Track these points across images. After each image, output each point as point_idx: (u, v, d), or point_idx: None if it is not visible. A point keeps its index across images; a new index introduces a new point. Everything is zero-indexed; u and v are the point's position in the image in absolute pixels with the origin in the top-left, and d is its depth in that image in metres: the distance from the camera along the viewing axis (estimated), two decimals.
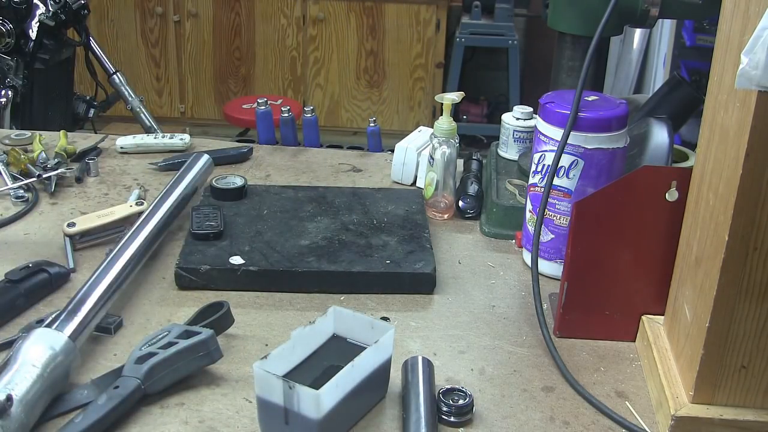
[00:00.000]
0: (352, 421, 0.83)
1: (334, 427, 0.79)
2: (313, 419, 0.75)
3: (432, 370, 0.88)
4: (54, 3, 1.49)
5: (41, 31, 1.45)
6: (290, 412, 0.76)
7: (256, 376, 0.78)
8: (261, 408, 0.80)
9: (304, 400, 0.75)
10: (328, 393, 0.75)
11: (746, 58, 0.65)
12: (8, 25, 1.45)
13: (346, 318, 0.89)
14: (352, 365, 0.78)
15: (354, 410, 0.82)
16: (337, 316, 0.89)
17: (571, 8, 1.24)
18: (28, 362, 0.80)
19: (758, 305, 0.77)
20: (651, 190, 0.92)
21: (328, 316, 0.88)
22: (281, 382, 0.76)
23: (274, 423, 0.79)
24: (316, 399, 0.74)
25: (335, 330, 0.89)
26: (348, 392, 0.79)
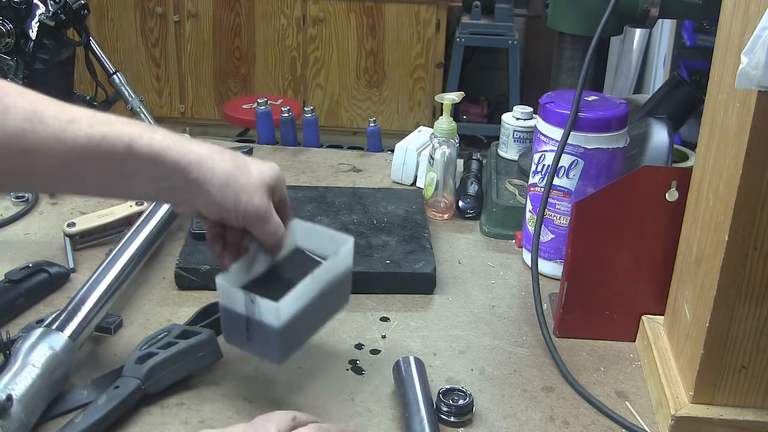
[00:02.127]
0: (314, 329, 0.86)
1: (296, 335, 0.82)
2: (274, 328, 0.77)
3: (424, 369, 0.88)
4: (54, 3, 1.49)
5: (41, 31, 1.45)
6: (252, 322, 0.79)
7: (219, 288, 0.80)
8: (224, 318, 0.82)
9: (265, 312, 0.77)
10: (287, 304, 0.77)
11: (746, 58, 0.65)
12: (8, 25, 1.45)
13: (306, 231, 0.89)
14: (311, 276, 0.80)
15: (315, 319, 0.85)
16: (298, 230, 0.89)
17: (571, 8, 1.24)
18: (28, 362, 0.80)
19: (758, 305, 0.77)
20: (651, 190, 0.92)
21: (289, 230, 0.88)
22: (243, 294, 0.78)
23: (237, 332, 0.81)
24: (276, 310, 0.77)
25: (297, 243, 0.90)
26: (308, 302, 0.81)
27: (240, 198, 0.79)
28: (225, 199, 0.78)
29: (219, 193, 0.78)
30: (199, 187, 0.78)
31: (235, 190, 0.79)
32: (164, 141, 0.76)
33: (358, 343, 0.97)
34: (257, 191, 0.80)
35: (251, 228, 0.82)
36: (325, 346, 0.96)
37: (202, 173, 0.77)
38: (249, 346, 0.82)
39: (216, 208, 0.79)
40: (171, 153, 0.76)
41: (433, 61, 4.01)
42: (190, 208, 0.81)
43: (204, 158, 0.78)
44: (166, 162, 0.76)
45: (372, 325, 1.01)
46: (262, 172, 0.82)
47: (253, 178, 0.80)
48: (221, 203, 0.79)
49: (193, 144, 0.79)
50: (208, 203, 0.79)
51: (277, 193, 0.84)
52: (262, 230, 0.82)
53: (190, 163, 0.77)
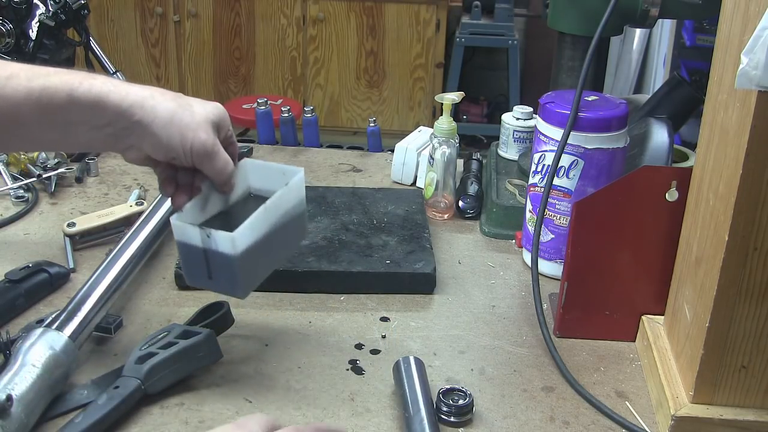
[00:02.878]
0: (273, 263, 0.88)
1: (255, 268, 0.84)
2: (232, 258, 0.78)
3: (424, 369, 0.88)
4: (54, 3, 1.49)
5: (41, 31, 1.45)
6: (210, 257, 0.80)
7: (174, 228, 0.81)
8: (183, 257, 0.83)
9: (221, 243, 0.78)
10: (242, 234, 0.79)
11: (746, 58, 0.65)
12: (8, 25, 1.45)
13: (258, 170, 0.90)
14: (265, 207, 0.82)
15: (274, 252, 0.86)
16: (250, 170, 0.90)
17: (571, 8, 1.24)
18: (28, 362, 0.80)
19: (758, 305, 0.77)
20: (651, 190, 0.92)
21: (240, 170, 0.88)
22: (198, 230, 0.80)
23: (198, 270, 0.83)
24: (232, 240, 0.78)
25: (251, 185, 0.91)
26: (264, 234, 0.82)
27: (185, 135, 0.79)
28: (170, 137, 0.78)
29: (164, 132, 0.78)
30: (144, 128, 0.78)
31: (180, 128, 0.79)
32: (104, 86, 0.77)
33: (358, 343, 0.97)
34: (202, 127, 0.80)
35: (200, 165, 0.82)
36: (325, 346, 0.96)
37: (144, 114, 0.77)
38: (210, 283, 0.84)
39: (163, 149, 0.79)
40: (112, 97, 0.76)
41: (433, 61, 4.01)
42: (138, 153, 0.81)
43: (146, 99, 0.78)
44: (107, 106, 0.76)
45: (372, 325, 1.01)
46: (206, 109, 0.82)
47: (197, 116, 0.80)
48: (167, 142, 0.79)
49: (133, 86, 0.79)
50: (155, 144, 0.79)
51: (223, 130, 0.84)
52: (211, 166, 0.82)
53: (132, 105, 0.77)
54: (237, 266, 0.79)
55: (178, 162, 0.81)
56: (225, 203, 0.88)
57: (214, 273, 0.82)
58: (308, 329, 1.00)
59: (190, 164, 0.82)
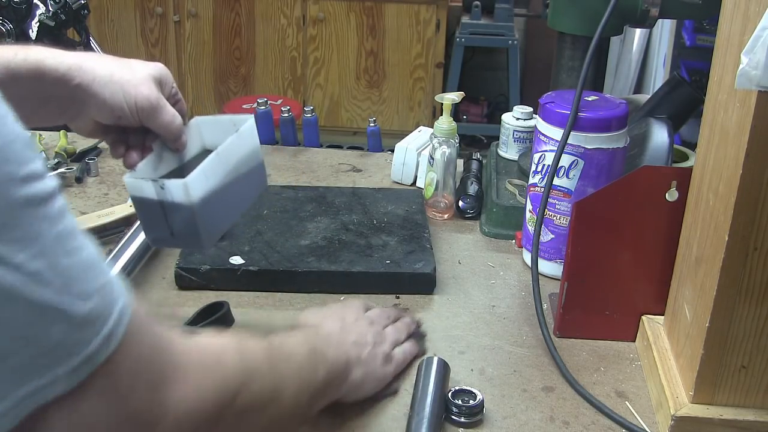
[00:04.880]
0: (234, 213, 0.87)
1: (216, 217, 0.83)
2: (188, 206, 0.78)
3: (447, 371, 0.88)
4: (54, 3, 1.49)
5: (41, 31, 1.45)
6: (167, 210, 0.79)
7: (127, 185, 0.80)
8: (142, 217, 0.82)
9: (176, 193, 0.78)
10: (195, 180, 0.78)
11: (746, 58, 0.65)
12: (8, 25, 1.45)
13: (210, 125, 0.90)
14: (216, 153, 0.81)
15: (233, 201, 0.85)
16: (202, 127, 0.90)
17: (571, 8, 1.24)
18: None
19: (758, 305, 0.77)
20: (651, 190, 0.92)
21: (193, 129, 0.88)
22: (151, 183, 0.79)
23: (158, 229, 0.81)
24: (185, 187, 0.77)
25: (205, 143, 0.90)
26: (220, 181, 0.81)
27: (128, 91, 0.79)
28: (113, 95, 0.78)
29: (105, 91, 0.78)
30: (85, 91, 0.78)
31: (121, 85, 0.78)
32: (39, 54, 0.76)
33: None
34: (144, 83, 0.80)
35: (146, 121, 0.81)
36: None
37: (83, 77, 0.77)
38: (173, 240, 0.83)
39: (108, 108, 0.79)
40: (48, 63, 0.76)
41: (433, 61, 4.00)
42: (85, 120, 0.81)
43: (82, 61, 0.78)
44: (45, 73, 0.76)
45: None
46: (147, 66, 0.82)
47: (138, 72, 0.80)
48: (111, 101, 0.78)
49: (68, 52, 0.78)
50: (99, 105, 0.79)
51: (166, 87, 0.84)
52: (157, 121, 0.81)
53: (70, 68, 0.77)
54: (195, 214, 0.78)
55: (125, 121, 0.81)
56: (180, 161, 0.88)
57: (174, 227, 0.80)
58: None
59: (137, 122, 0.81)
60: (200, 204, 0.79)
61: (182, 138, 0.85)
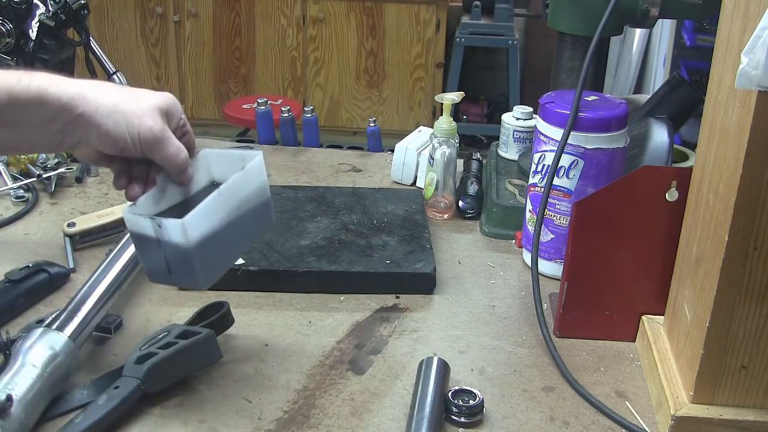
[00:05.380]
0: (236, 251, 0.85)
1: (215, 257, 0.80)
2: (185, 247, 0.75)
3: (447, 371, 0.88)
4: (54, 3, 1.49)
5: (41, 31, 1.45)
6: (166, 249, 0.76)
7: (126, 220, 0.78)
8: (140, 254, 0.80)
9: (173, 232, 0.75)
10: (194, 220, 0.75)
11: (746, 58, 0.65)
12: (8, 25, 1.45)
13: (218, 159, 0.87)
14: (218, 192, 0.78)
15: (235, 239, 0.82)
16: (211, 160, 0.87)
17: (571, 8, 1.24)
18: (28, 362, 0.80)
19: (758, 305, 0.77)
20: (651, 190, 0.92)
21: (201, 161, 0.86)
22: (149, 220, 0.76)
23: (157, 266, 0.79)
24: (183, 227, 0.74)
25: (213, 176, 0.87)
26: (221, 221, 0.79)
27: (131, 122, 0.77)
28: (116, 126, 0.76)
29: (109, 121, 0.76)
30: (88, 120, 0.76)
31: (125, 115, 0.76)
32: (42, 81, 0.75)
33: (358, 343, 0.97)
34: (148, 114, 0.78)
35: (150, 154, 0.79)
36: (325, 346, 0.96)
37: (87, 105, 0.76)
38: (171, 278, 0.81)
39: (111, 139, 0.77)
40: (51, 91, 0.75)
41: (433, 61, 4.01)
42: (88, 148, 0.79)
43: (86, 90, 0.76)
44: (48, 101, 0.75)
45: (372, 325, 1.01)
46: (153, 96, 0.80)
47: (143, 102, 0.78)
48: (114, 132, 0.76)
49: (72, 79, 0.77)
50: (101, 136, 0.77)
51: (174, 118, 0.81)
52: (162, 154, 0.79)
53: (73, 97, 0.75)
54: (192, 255, 0.76)
55: (128, 153, 0.79)
56: (185, 194, 0.85)
57: (172, 266, 0.78)
58: (308, 329, 1.00)
59: (140, 154, 0.79)
60: (198, 245, 0.76)
61: (187, 172, 0.82)
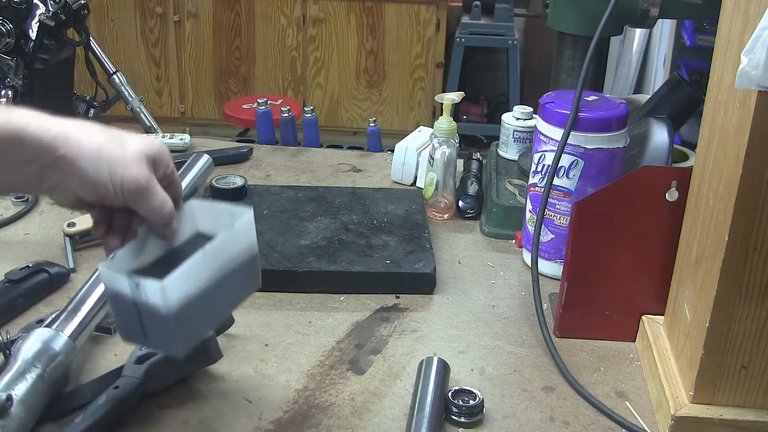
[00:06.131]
0: (218, 315, 0.78)
1: (195, 321, 0.74)
2: (163, 312, 0.69)
3: (447, 371, 0.88)
4: (54, 3, 1.49)
5: (41, 31, 1.46)
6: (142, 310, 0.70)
7: (102, 276, 0.72)
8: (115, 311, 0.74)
9: (151, 294, 0.69)
10: (174, 283, 0.69)
11: (746, 58, 0.65)
12: (8, 25, 1.45)
13: (205, 211, 0.81)
14: (203, 252, 0.72)
15: (218, 303, 0.76)
16: (197, 212, 0.81)
17: (571, 8, 1.24)
18: (28, 362, 0.80)
19: (758, 305, 0.77)
20: (651, 190, 0.92)
21: (187, 213, 0.80)
22: (126, 278, 0.70)
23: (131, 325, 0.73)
24: (162, 290, 0.68)
25: (199, 228, 0.81)
26: (204, 283, 0.72)
27: (115, 170, 0.71)
28: (98, 172, 0.71)
29: (91, 166, 0.71)
30: (69, 163, 0.71)
31: (109, 162, 0.71)
32: (23, 118, 0.70)
33: (358, 343, 0.97)
34: (134, 162, 0.73)
35: (134, 204, 0.74)
36: (325, 346, 0.96)
37: (69, 148, 0.71)
38: (146, 340, 0.74)
39: (91, 186, 0.72)
40: (31, 129, 0.70)
41: (433, 61, 4.01)
42: (66, 193, 0.74)
43: (70, 131, 0.72)
44: (28, 140, 0.70)
45: (372, 325, 1.01)
46: (140, 143, 0.75)
47: (130, 149, 0.73)
48: (95, 178, 0.71)
49: (56, 119, 0.72)
50: (82, 181, 0.72)
51: (161, 167, 0.76)
52: (145, 205, 0.74)
53: (55, 137, 0.70)
54: (170, 320, 0.69)
55: (109, 201, 0.73)
56: (167, 247, 0.79)
57: (147, 328, 0.72)
58: (308, 329, 1.00)
59: (123, 203, 0.73)
60: (178, 310, 0.70)
61: (171, 225, 0.77)
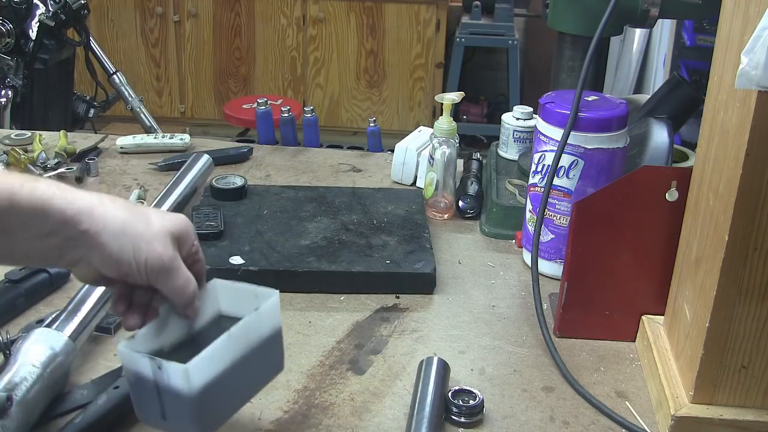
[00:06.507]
0: (240, 400, 0.77)
1: (218, 405, 0.72)
2: (186, 395, 0.68)
3: (447, 371, 0.88)
4: (54, 3, 1.50)
5: (41, 31, 1.46)
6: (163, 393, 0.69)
7: (121, 356, 0.71)
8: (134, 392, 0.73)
9: (174, 377, 0.68)
10: (199, 366, 0.68)
11: (746, 58, 0.65)
12: (8, 25, 1.45)
13: (229, 291, 0.80)
14: (228, 335, 0.71)
15: (241, 386, 0.75)
16: (220, 291, 0.80)
17: (571, 8, 1.24)
18: (28, 362, 0.80)
19: (758, 305, 0.77)
20: (651, 190, 0.92)
21: (209, 292, 0.79)
22: (148, 360, 0.69)
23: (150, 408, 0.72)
24: (185, 373, 0.67)
25: (221, 308, 0.80)
26: (227, 366, 0.71)
27: (139, 247, 0.70)
28: (122, 249, 0.69)
29: (114, 243, 0.69)
30: (92, 238, 0.69)
31: (133, 239, 0.70)
32: (48, 189, 0.68)
33: (358, 343, 0.97)
34: (159, 239, 0.71)
35: (156, 283, 0.72)
36: (325, 346, 0.96)
37: (93, 223, 0.69)
38: (165, 423, 0.72)
39: (114, 263, 0.70)
40: (56, 202, 0.68)
41: (433, 61, 4.01)
42: (88, 268, 0.72)
43: (94, 206, 0.70)
44: (52, 213, 0.68)
45: (372, 325, 1.01)
46: (165, 219, 0.73)
47: (154, 226, 0.72)
48: (118, 255, 0.69)
49: (80, 192, 0.71)
50: (104, 257, 0.70)
51: (186, 245, 0.75)
52: (169, 284, 0.72)
53: (79, 211, 0.69)
54: (193, 404, 0.68)
55: (132, 279, 0.71)
56: (189, 329, 0.77)
57: (168, 411, 0.70)
58: (308, 329, 1.00)
59: (145, 282, 0.71)
60: (200, 393, 0.68)
61: (194, 305, 0.75)
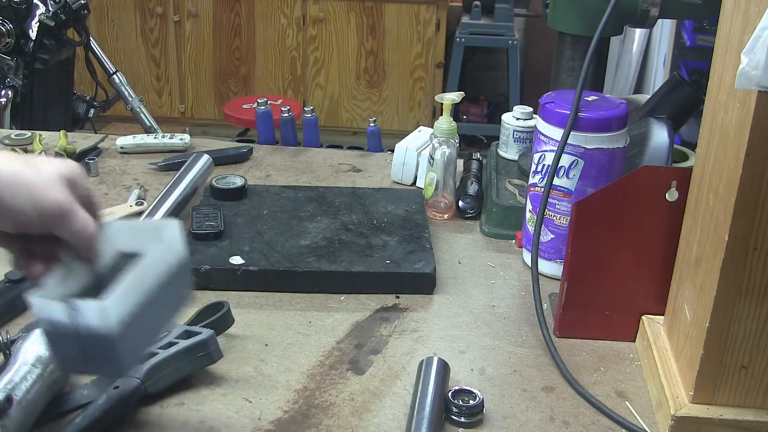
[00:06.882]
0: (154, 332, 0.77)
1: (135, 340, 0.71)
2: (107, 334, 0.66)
3: (447, 371, 0.88)
4: (54, 3, 1.50)
5: (41, 31, 1.46)
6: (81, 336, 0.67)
7: (35, 306, 0.68)
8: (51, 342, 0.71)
9: (92, 317, 0.66)
10: (115, 302, 0.67)
11: (746, 58, 0.65)
12: (8, 25, 1.46)
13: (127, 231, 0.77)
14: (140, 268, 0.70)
15: (157, 318, 0.75)
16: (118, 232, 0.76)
17: (571, 8, 1.24)
18: (28, 362, 0.80)
19: (758, 305, 0.77)
20: (651, 190, 0.92)
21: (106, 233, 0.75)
22: (62, 305, 0.67)
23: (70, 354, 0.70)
24: (103, 310, 0.66)
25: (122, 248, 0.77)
26: (142, 299, 0.70)
27: (33, 195, 0.68)
28: (16, 199, 0.68)
29: (8, 193, 0.68)
30: None
31: (26, 187, 0.68)
32: None
33: (358, 343, 0.97)
34: (52, 184, 0.69)
35: (55, 229, 0.70)
36: (325, 346, 0.96)
37: None
38: (86, 367, 0.72)
39: (11, 213, 0.68)
40: None
41: (433, 61, 4.01)
42: None
43: None
44: None
45: (372, 325, 1.01)
46: (54, 164, 0.72)
47: (46, 172, 0.70)
48: (12, 205, 0.68)
49: None
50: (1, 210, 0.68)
51: (79, 188, 0.73)
52: (68, 228, 0.70)
53: None
54: (113, 340, 0.67)
55: (30, 229, 0.70)
56: (93, 272, 0.75)
57: (87, 353, 0.69)
58: (308, 329, 1.00)
59: (44, 229, 0.70)
60: (119, 330, 0.67)
61: (95, 247, 0.73)
